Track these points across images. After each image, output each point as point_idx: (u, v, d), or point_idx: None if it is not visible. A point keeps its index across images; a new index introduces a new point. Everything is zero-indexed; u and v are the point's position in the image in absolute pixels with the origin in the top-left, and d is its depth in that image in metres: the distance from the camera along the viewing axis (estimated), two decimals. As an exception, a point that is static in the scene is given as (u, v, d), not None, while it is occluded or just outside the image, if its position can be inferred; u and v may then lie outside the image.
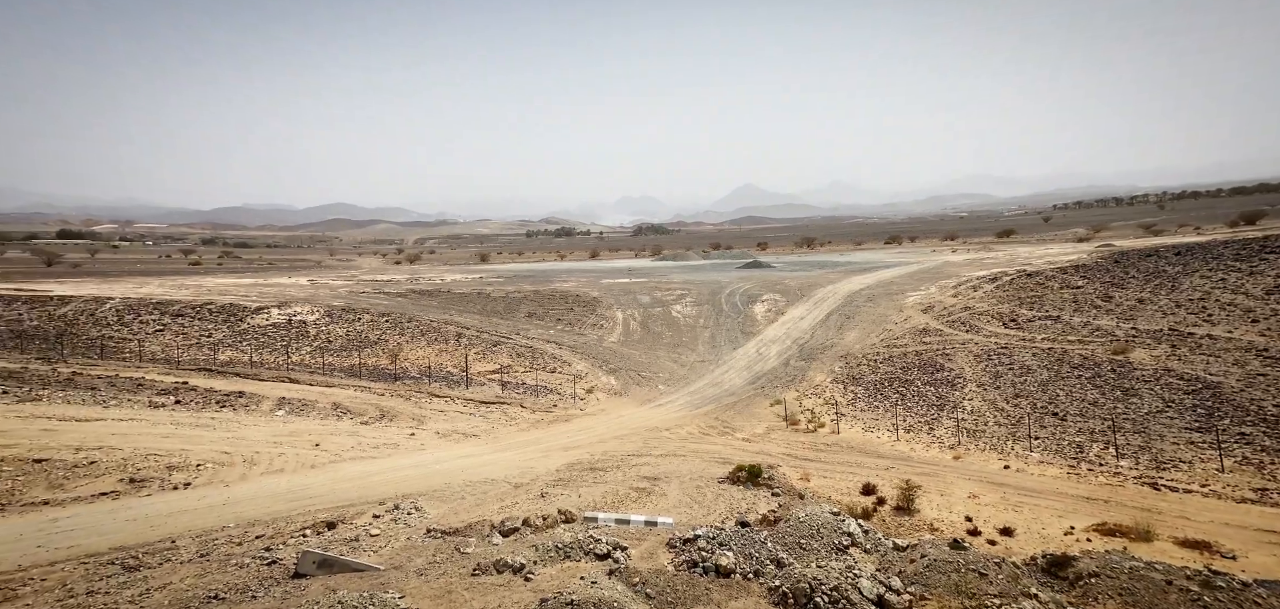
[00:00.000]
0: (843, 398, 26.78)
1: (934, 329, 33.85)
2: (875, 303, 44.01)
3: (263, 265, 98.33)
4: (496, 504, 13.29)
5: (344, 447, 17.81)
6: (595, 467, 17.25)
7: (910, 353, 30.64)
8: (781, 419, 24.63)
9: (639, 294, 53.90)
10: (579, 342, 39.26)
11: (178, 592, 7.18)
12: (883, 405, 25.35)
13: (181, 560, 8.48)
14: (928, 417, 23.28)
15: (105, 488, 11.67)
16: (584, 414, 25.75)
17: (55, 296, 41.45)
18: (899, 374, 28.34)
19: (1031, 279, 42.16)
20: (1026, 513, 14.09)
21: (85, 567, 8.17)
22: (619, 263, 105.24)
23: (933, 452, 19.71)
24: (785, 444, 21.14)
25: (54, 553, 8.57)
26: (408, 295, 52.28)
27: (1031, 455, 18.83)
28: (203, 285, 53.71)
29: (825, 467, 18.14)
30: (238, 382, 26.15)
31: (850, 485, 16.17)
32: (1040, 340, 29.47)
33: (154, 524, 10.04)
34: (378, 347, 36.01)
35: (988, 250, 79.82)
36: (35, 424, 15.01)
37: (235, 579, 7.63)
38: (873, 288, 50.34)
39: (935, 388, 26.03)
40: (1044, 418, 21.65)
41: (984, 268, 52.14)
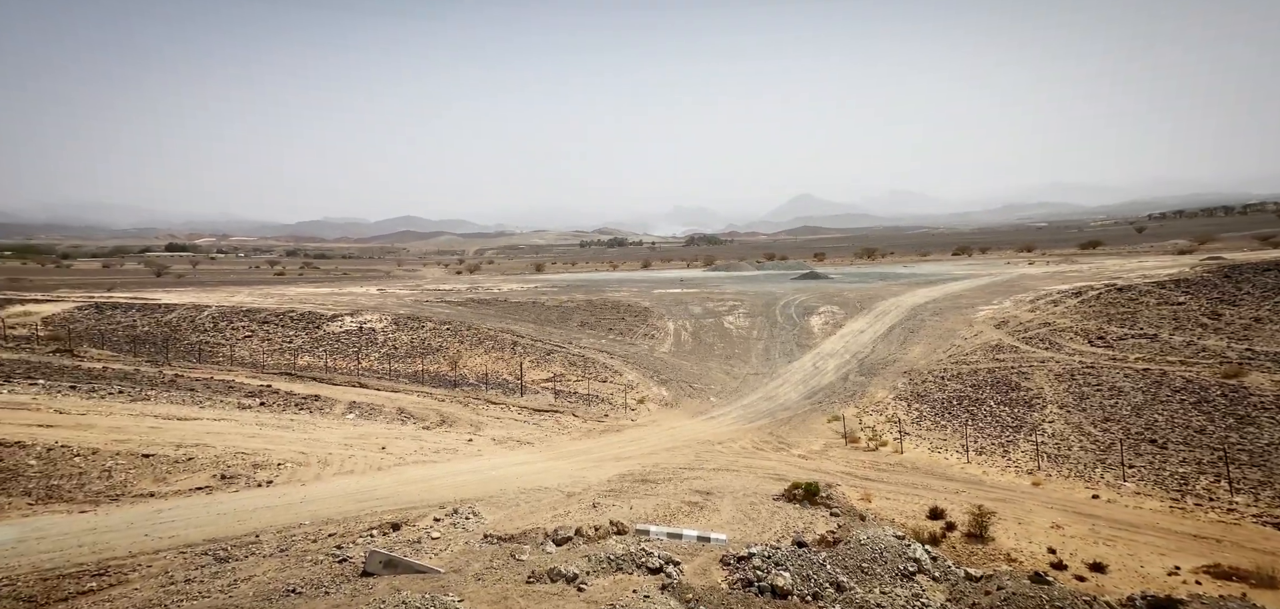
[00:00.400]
0: (906, 416, 25.48)
1: (1008, 345, 31.66)
2: (942, 316, 41.71)
3: (338, 275, 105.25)
4: (550, 512, 13.48)
5: (407, 450, 18.63)
6: (647, 478, 17.20)
7: (981, 370, 28.78)
8: (840, 436, 23.72)
9: (690, 304, 53.59)
10: (630, 351, 39.44)
11: (261, 584, 7.71)
12: (951, 425, 23.91)
13: (264, 554, 9.12)
14: (1002, 439, 21.74)
15: (200, 483, 12.74)
16: (635, 425, 25.78)
17: (162, 304, 46.01)
18: (969, 392, 26.66)
19: (1122, 294, 38.66)
20: (1121, 548, 12.82)
21: (183, 556, 8.92)
22: (670, 273, 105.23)
23: (1008, 476, 18.36)
24: (844, 462, 20.31)
25: (158, 541, 9.41)
26: (467, 304, 54.37)
27: (1125, 485, 17.17)
28: (285, 294, 58.06)
29: (888, 487, 17.26)
30: (314, 386, 27.99)
31: (916, 508, 15.30)
32: (1133, 360, 26.92)
33: (241, 519, 10.85)
34: (439, 354, 37.58)
35: (1070, 263, 73.99)
36: (144, 422, 16.62)
37: (310, 574, 8.11)
38: (939, 301, 47.76)
39: (1010, 408, 24.29)
40: (1140, 445, 19.70)
41: (1065, 281, 48.33)
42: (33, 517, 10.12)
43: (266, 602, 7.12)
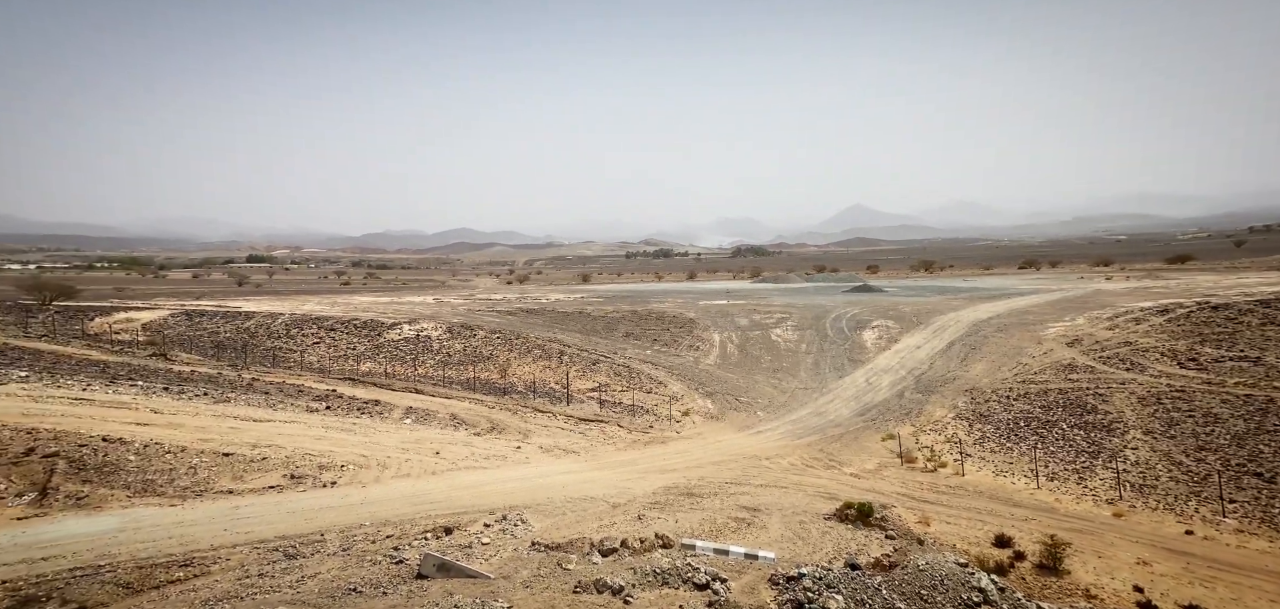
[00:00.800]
0: (968, 436, 24.12)
1: (1083, 365, 29.47)
2: (1007, 333, 39.35)
3: (398, 285, 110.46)
4: (595, 522, 13.56)
5: (459, 456, 19.23)
6: (692, 492, 17.03)
7: (1052, 391, 26.91)
8: (895, 455, 22.72)
9: (737, 316, 52.91)
10: (675, 363, 39.30)
11: (325, 581, 8.13)
12: (1017, 448, 22.45)
13: (328, 552, 9.63)
14: (1076, 464, 20.20)
15: (272, 482, 13.61)
16: (680, 437, 25.62)
17: (242, 312, 49.67)
18: (1038, 414, 24.97)
19: (1218, 313, 35.26)
20: (1222, 590, 11.61)
21: (257, 551, 9.55)
22: (716, 284, 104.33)
23: (1084, 505, 17.03)
24: (900, 483, 19.42)
25: (235, 536, 10.12)
26: (517, 314, 55.75)
27: (1225, 521, 15.57)
28: (350, 303, 61.45)
29: (948, 511, 16.36)
30: (374, 391, 29.40)
31: (979, 534, 14.42)
32: (1232, 385, 24.46)
33: (308, 517, 11.51)
34: (489, 362, 38.68)
35: (1154, 278, 68.24)
36: (225, 422, 17.95)
37: (370, 574, 8.49)
38: (1004, 317, 45.12)
39: (1086, 432, 22.55)
40: (1242, 478, 17.84)
41: (1149, 298, 44.60)
42: (131, 508, 11.09)
43: (330, 599, 7.50)
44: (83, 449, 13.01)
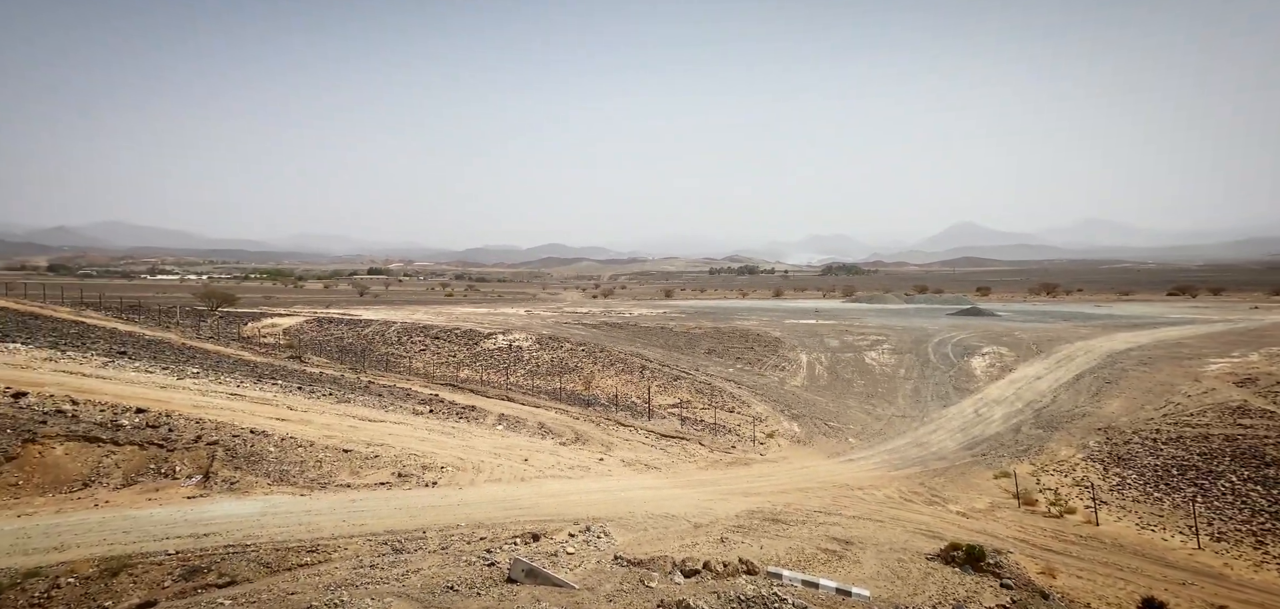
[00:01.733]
0: (1102, 481, 21.16)
1: (1259, 409, 24.85)
2: (1152, 367, 34.25)
3: (494, 297, 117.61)
4: (677, 541, 13.43)
5: (546, 464, 19.93)
6: (777, 518, 16.37)
7: (1216, 435, 22.92)
8: (1011, 495, 20.43)
9: (826, 337, 50.52)
10: (759, 382, 38.20)
11: (426, 577, 8.72)
12: (1170, 499, 19.31)
13: (429, 550, 10.35)
14: (1253, 525, 16.99)
15: (382, 479, 14.90)
16: (764, 459, 24.80)
17: (362, 319, 55.28)
18: (1197, 461, 21.36)
19: None
20: None
21: (369, 543, 10.48)
22: (804, 303, 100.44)
23: (1265, 575, 14.24)
24: (1017, 527, 17.41)
25: (352, 527, 11.17)
26: (601, 327, 57.08)
27: None
28: (453, 313, 66.27)
29: (1078, 564, 14.39)
30: (471, 397, 31.35)
31: (1119, 594, 12.53)
32: None
33: (412, 515, 12.45)
34: (574, 373, 39.86)
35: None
36: (346, 421, 19.97)
37: (465, 574, 8.99)
38: (1148, 349, 39.38)
39: (1264, 487, 18.93)
40: None
41: (1350, 324, 36.90)
42: (270, 495, 12.62)
43: (431, 595, 8.03)
44: (236, 439, 15.04)
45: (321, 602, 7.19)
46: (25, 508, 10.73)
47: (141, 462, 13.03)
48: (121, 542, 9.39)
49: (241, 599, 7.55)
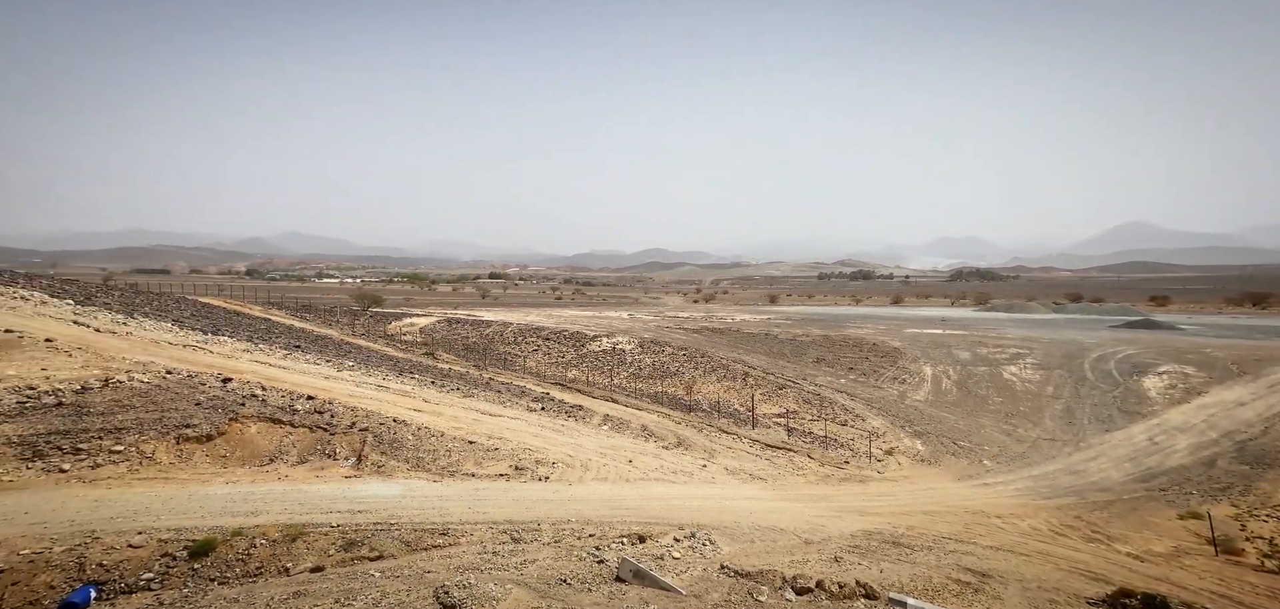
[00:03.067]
0: (1340, 536, 16.88)
1: None
2: None
3: (598, 301, 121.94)
4: (786, 556, 12.88)
5: (650, 467, 20.18)
6: (899, 541, 15.09)
7: None
8: (1203, 540, 17.05)
9: (955, 348, 45.84)
10: (875, 395, 35.60)
11: (541, 568, 9.21)
12: None
13: (543, 542, 10.93)
14: None
15: (501, 470, 16.02)
16: (882, 477, 23.05)
17: (484, 320, 60.13)
18: None
19: None
20: None
21: (491, 530, 11.30)
22: (928, 310, 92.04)
23: None
24: (1215, 579, 14.46)
25: (476, 515, 12.12)
26: (702, 332, 56.72)
27: None
28: (561, 316, 69.77)
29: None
30: (579, 397, 32.73)
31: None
32: None
33: (527, 507, 13.24)
34: (676, 377, 39.99)
35: None
36: (470, 415, 21.79)
37: (577, 569, 9.36)
38: None
39: None
40: None
41: None
42: (409, 480, 14.12)
43: (546, 585, 8.45)
44: (381, 427, 17.04)
45: (452, 582, 7.88)
46: (231, 476, 13.03)
47: (310, 443, 15.25)
48: (297, 512, 11.04)
49: (388, 573, 8.53)
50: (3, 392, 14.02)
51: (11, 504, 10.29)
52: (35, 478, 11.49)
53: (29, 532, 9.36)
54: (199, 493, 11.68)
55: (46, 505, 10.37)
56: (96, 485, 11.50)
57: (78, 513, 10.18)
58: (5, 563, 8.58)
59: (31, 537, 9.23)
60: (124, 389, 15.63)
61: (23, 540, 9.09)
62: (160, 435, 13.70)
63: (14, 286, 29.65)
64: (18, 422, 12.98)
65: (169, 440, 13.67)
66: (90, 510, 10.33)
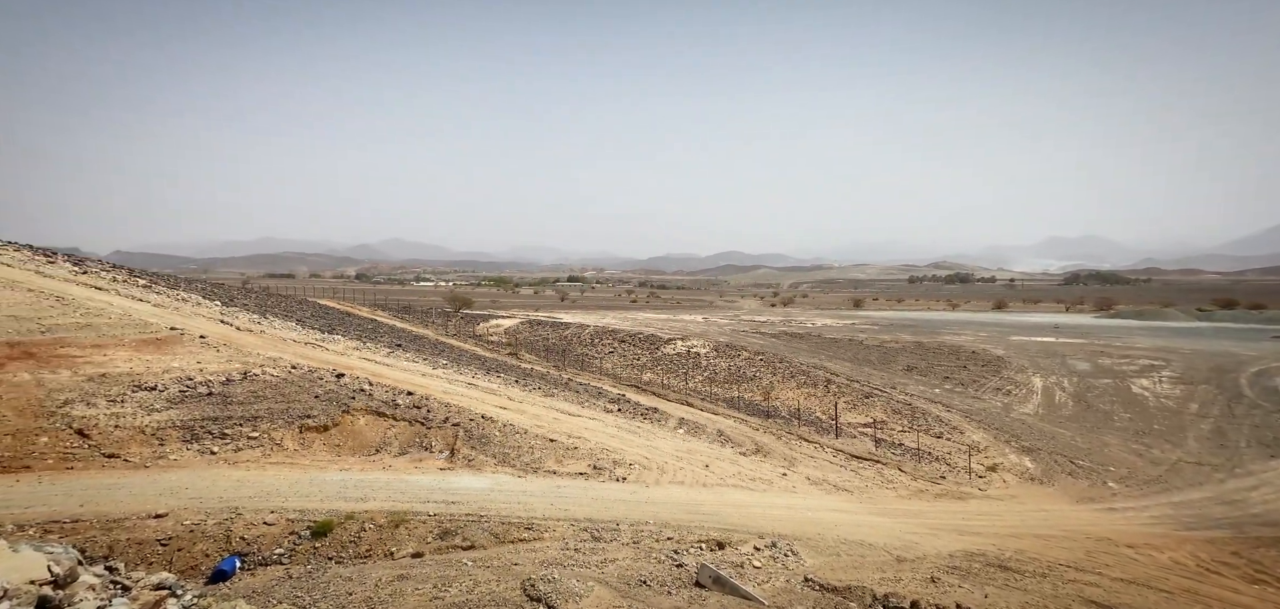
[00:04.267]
0: None
1: None
2: None
3: (672, 304, 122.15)
4: (877, 573, 12.20)
5: (727, 473, 19.87)
6: (1006, 565, 13.81)
7: None
8: None
9: (1072, 358, 41.34)
10: (975, 407, 32.85)
11: (621, 568, 9.36)
12: None
13: (622, 542, 11.11)
14: None
15: (580, 469, 16.46)
16: (984, 495, 21.21)
17: (562, 322, 62.23)
18: None
19: None
20: None
21: (572, 527, 11.65)
22: (1038, 317, 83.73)
23: None
24: None
25: (558, 511, 12.55)
26: (780, 337, 55.07)
27: None
28: (636, 318, 70.63)
29: None
30: (654, 399, 32.92)
31: None
32: None
33: (606, 506, 13.51)
34: (753, 383, 39.10)
35: None
36: (551, 413, 22.60)
37: (655, 571, 9.42)
38: None
39: None
40: None
41: None
42: (495, 474, 14.89)
43: (626, 585, 8.58)
44: (471, 422, 18.11)
45: (537, 575, 8.21)
46: (344, 464, 14.41)
47: (410, 436, 16.52)
48: (400, 500, 12.00)
49: (479, 562, 9.06)
50: (169, 381, 16.45)
51: (175, 480, 12.04)
52: (192, 458, 13.38)
53: (189, 505, 10.92)
54: (318, 478, 13.04)
55: (201, 482, 12.04)
56: (238, 467, 13.19)
57: (224, 491, 11.72)
58: (173, 532, 10.06)
59: (191, 509, 10.75)
60: (259, 381, 17.80)
61: (185, 512, 10.61)
62: (287, 424, 15.45)
63: (177, 290, 34.70)
64: (180, 408, 15.18)
65: (294, 429, 15.39)
66: (233, 489, 11.86)
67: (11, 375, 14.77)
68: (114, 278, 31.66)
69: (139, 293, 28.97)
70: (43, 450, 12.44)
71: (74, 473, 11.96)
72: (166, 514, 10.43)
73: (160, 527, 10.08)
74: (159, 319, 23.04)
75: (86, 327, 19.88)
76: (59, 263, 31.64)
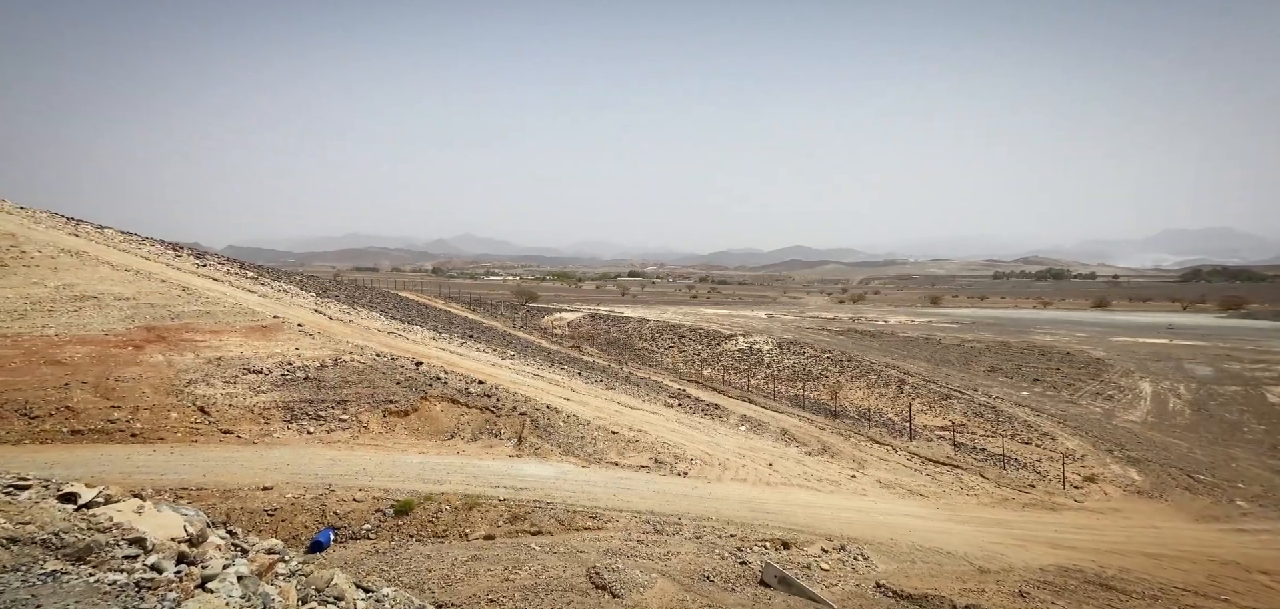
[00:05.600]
0: None
1: None
2: None
3: (734, 300, 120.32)
4: (956, 583, 11.48)
5: (791, 473, 19.37)
6: (1108, 584, 12.61)
7: None
8: None
9: (1189, 363, 37.10)
10: (1069, 412, 30.17)
11: (685, 562, 9.36)
12: None
13: (684, 536, 11.11)
14: None
15: (641, 462, 16.60)
16: (1080, 507, 19.49)
17: (623, 316, 62.93)
18: None
19: None
20: None
21: (635, 518, 11.78)
22: (1147, 317, 75.63)
23: None
24: None
25: (620, 502, 12.74)
26: (849, 334, 52.91)
27: None
28: (697, 314, 70.20)
29: None
30: (715, 395, 32.60)
31: None
32: None
33: (667, 500, 13.55)
34: (819, 381, 37.81)
35: None
36: (612, 406, 22.94)
37: (719, 568, 9.35)
38: None
39: None
40: None
41: None
42: (560, 463, 15.32)
43: (689, 579, 8.58)
44: (537, 412, 18.72)
45: (602, 564, 8.37)
46: (422, 447, 15.34)
47: (481, 423, 17.32)
48: (473, 484, 12.62)
49: (546, 548, 9.38)
50: (272, 365, 18.17)
51: (278, 457, 13.30)
52: (292, 436, 14.72)
53: (291, 480, 12.02)
54: (400, 460, 13.97)
55: (299, 460, 13.22)
56: (330, 446, 14.37)
57: (319, 468, 12.82)
58: (277, 503, 11.13)
59: (293, 484, 11.83)
60: (348, 368, 19.29)
61: (288, 486, 11.70)
62: (372, 409, 16.65)
63: (278, 282, 38.23)
64: (281, 390, 16.73)
65: (378, 413, 16.55)
66: (327, 467, 12.94)
67: (149, 357, 16.86)
68: (227, 270, 35.34)
69: (247, 284, 32.15)
70: (173, 424, 14.13)
71: (197, 445, 13.49)
72: (272, 487, 11.54)
73: (267, 498, 11.17)
74: (263, 308, 25.47)
75: (206, 314, 22.33)
76: (185, 256, 35.69)
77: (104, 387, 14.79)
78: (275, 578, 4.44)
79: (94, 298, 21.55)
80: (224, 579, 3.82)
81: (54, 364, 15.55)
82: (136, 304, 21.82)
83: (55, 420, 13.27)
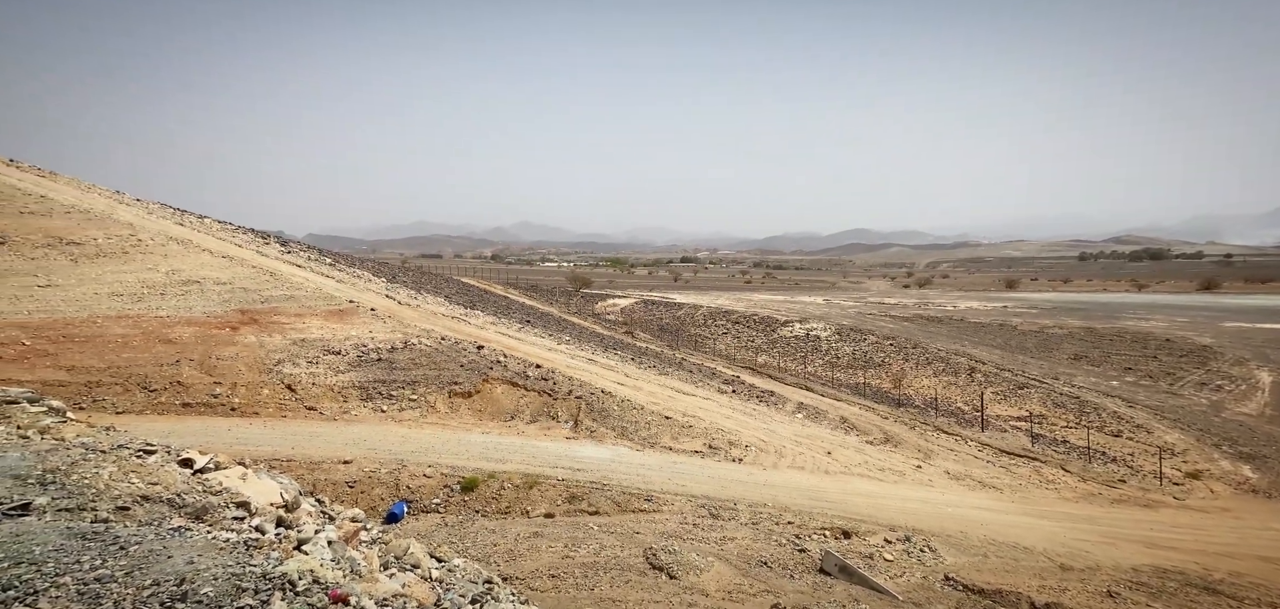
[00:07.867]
0: None
1: None
2: None
3: (790, 285, 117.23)
4: (1035, 580, 10.85)
5: (852, 462, 18.79)
6: (1214, 588, 11.56)
7: None
8: None
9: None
10: (1167, 403, 27.59)
11: (741, 547, 9.32)
12: None
13: (740, 522, 11.04)
14: None
15: (695, 447, 16.59)
16: (1181, 505, 17.89)
17: (676, 303, 62.80)
18: None
19: None
20: None
21: (690, 502, 11.83)
22: (1266, 299, 67.62)
23: None
24: None
25: (676, 486, 12.81)
26: (914, 320, 50.48)
27: None
28: (751, 300, 69.01)
29: None
30: (770, 382, 32.02)
31: None
32: None
33: (722, 485, 13.50)
34: (881, 369, 36.34)
35: None
36: (665, 391, 23.02)
37: (776, 554, 9.24)
38: None
39: None
40: None
41: None
42: (615, 446, 15.58)
43: (746, 564, 8.54)
44: (592, 396, 19.07)
45: (659, 545, 8.47)
46: (485, 428, 16.02)
47: (539, 405, 17.85)
48: (532, 464, 13.07)
49: (604, 528, 9.60)
50: (349, 346, 19.48)
51: (356, 433, 14.29)
52: (367, 414, 15.75)
53: (368, 455, 12.90)
54: (464, 439, 14.66)
55: (375, 436, 14.15)
56: (402, 424, 15.27)
57: (393, 445, 13.67)
58: (356, 476, 11.98)
59: (369, 459, 12.69)
60: (416, 350, 20.37)
61: (365, 461, 12.56)
62: (439, 389, 17.53)
63: (353, 268, 40.80)
64: (357, 371, 17.92)
65: (444, 394, 17.41)
66: (399, 444, 13.77)
67: (243, 337, 18.48)
68: (309, 257, 38.02)
69: (326, 270, 34.49)
70: (265, 400, 15.46)
71: (286, 420, 14.70)
72: (351, 461, 12.42)
73: (347, 471, 12.04)
74: (340, 293, 27.26)
75: (290, 298, 24.17)
76: (271, 244, 38.70)
77: (207, 364, 16.35)
78: (359, 544, 4.79)
79: (197, 282, 23.80)
80: (316, 543, 4.16)
81: (167, 343, 17.35)
82: (232, 288, 23.91)
83: (169, 393, 14.84)
